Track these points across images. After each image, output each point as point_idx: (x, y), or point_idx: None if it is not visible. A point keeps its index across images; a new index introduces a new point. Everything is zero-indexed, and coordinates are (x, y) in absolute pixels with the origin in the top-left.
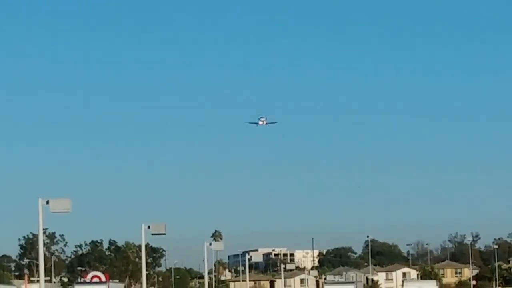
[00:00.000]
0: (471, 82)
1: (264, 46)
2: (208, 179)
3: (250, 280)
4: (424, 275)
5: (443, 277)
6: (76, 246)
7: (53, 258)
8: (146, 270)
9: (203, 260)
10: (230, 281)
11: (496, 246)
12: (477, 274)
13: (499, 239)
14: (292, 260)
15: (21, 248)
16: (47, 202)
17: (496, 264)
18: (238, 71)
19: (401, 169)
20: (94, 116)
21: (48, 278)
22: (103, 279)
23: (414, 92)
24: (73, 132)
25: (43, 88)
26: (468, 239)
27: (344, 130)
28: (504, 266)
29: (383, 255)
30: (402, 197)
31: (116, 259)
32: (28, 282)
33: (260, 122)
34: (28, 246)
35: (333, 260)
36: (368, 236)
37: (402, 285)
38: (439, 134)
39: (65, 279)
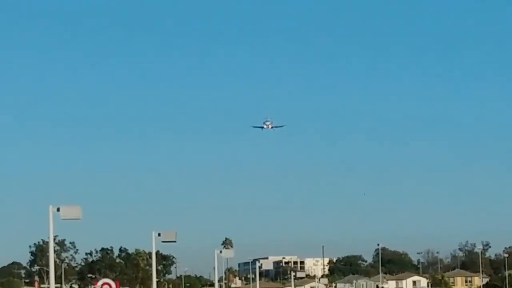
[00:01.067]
0: (476, 87)
1: (269, 49)
2: (219, 186)
3: None
4: (434, 284)
5: (453, 285)
6: (86, 254)
7: (63, 265)
8: (156, 278)
9: (214, 268)
10: None
11: (506, 255)
12: (487, 283)
13: (509, 247)
14: (302, 268)
15: (31, 255)
16: (58, 209)
17: (507, 273)
18: (245, 77)
19: (412, 177)
20: (105, 124)
21: (58, 285)
22: (114, 286)
23: (425, 98)
24: (84, 139)
25: (54, 96)
26: (479, 248)
27: (355, 137)
28: None
29: (393, 264)
30: (412, 205)
31: (127, 266)
32: None
33: (265, 126)
34: (39, 253)
35: (343, 268)
36: (378, 245)
37: None
38: (449, 143)
39: (76, 286)
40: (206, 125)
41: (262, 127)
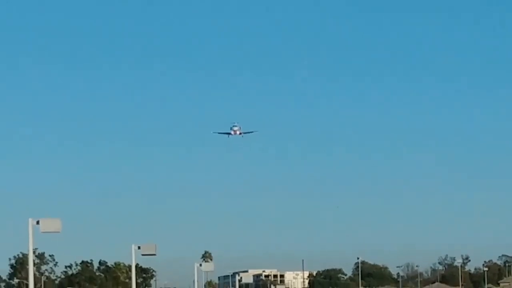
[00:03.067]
0: (464, 111)
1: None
2: (198, 199)
3: None
4: None
5: None
6: (66, 266)
7: (43, 278)
8: None
9: (193, 281)
10: None
11: (486, 269)
12: None
13: (489, 261)
14: (282, 282)
15: (11, 268)
16: (37, 222)
17: (486, 287)
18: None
19: (392, 191)
20: (84, 138)
21: None
22: None
23: (404, 114)
24: (63, 153)
25: (33, 109)
26: (458, 262)
27: (334, 148)
28: None
29: (373, 277)
30: (392, 219)
31: (106, 279)
32: None
33: (232, 132)
34: (18, 266)
35: (323, 282)
36: (358, 258)
37: None
38: (429, 159)
39: None
40: (175, 137)
41: (229, 133)
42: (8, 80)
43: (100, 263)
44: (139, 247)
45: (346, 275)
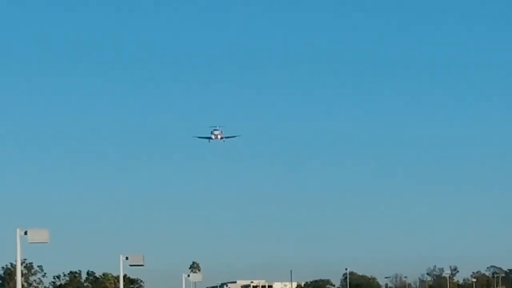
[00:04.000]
0: (458, 118)
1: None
2: (185, 209)
3: None
4: None
5: None
6: (54, 277)
7: None
8: None
9: None
10: None
11: (474, 280)
12: None
13: (477, 272)
14: None
15: None
16: (25, 233)
17: None
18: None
19: (379, 202)
20: (72, 148)
21: None
22: None
23: (396, 124)
24: (51, 162)
25: (20, 120)
26: (446, 272)
27: (316, 160)
28: None
29: None
30: (380, 229)
31: None
32: None
33: (213, 137)
34: (7, 276)
35: None
36: (346, 269)
37: None
38: (415, 169)
39: None
40: (157, 143)
41: (210, 138)
42: None
43: (88, 273)
44: (127, 258)
45: (334, 286)
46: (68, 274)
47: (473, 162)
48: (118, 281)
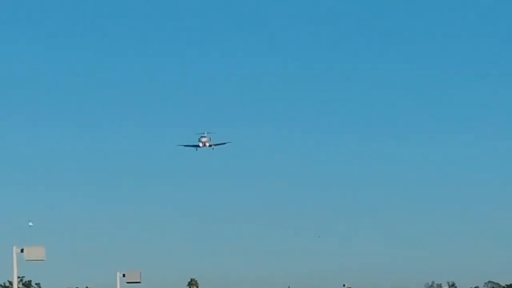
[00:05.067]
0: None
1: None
2: (182, 225)
3: None
4: None
5: None
6: None
7: None
8: None
9: None
10: None
11: None
12: None
13: (475, 287)
14: None
15: None
16: (22, 250)
17: None
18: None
19: (375, 215)
20: (66, 165)
21: None
22: None
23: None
24: (47, 180)
25: (16, 140)
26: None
27: (321, 174)
28: None
29: None
30: (377, 244)
31: None
32: None
33: (201, 144)
34: None
35: None
36: (344, 285)
37: None
38: (411, 181)
39: None
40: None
41: (197, 146)
42: None
43: None
44: (124, 275)
45: None
46: None
47: (468, 177)
48: None
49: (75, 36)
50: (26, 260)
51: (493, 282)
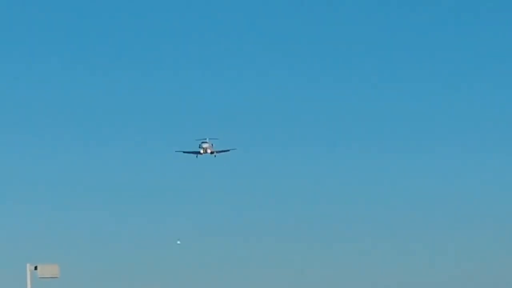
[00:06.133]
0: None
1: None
2: (188, 245)
3: None
4: None
5: None
6: None
7: None
8: None
9: None
10: None
11: None
12: None
13: None
14: None
15: None
16: (35, 268)
17: None
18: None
19: (373, 235)
20: (77, 180)
21: None
22: None
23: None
24: (60, 196)
25: (26, 156)
26: None
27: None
28: None
29: None
30: (376, 263)
31: None
32: None
33: (202, 151)
34: None
35: None
36: None
37: None
38: (410, 201)
39: None
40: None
41: (198, 153)
42: None
43: None
44: None
45: None
46: None
47: (465, 194)
48: None
49: (64, 38)
50: (40, 277)
51: None
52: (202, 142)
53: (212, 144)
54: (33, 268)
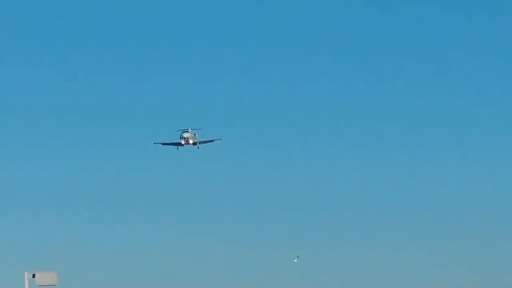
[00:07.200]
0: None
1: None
2: (190, 253)
3: None
4: None
5: None
6: None
7: None
8: None
9: None
10: None
11: None
12: None
13: None
14: None
15: None
16: (33, 276)
17: None
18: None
19: (372, 246)
20: (75, 186)
21: None
22: None
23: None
24: (58, 204)
25: (28, 164)
26: None
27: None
28: None
29: None
30: (375, 274)
31: None
32: None
33: (183, 141)
34: None
35: None
36: None
37: None
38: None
39: None
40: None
41: (179, 144)
42: None
43: None
44: None
45: None
46: None
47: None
48: None
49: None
50: (38, 285)
51: None
52: (183, 132)
53: (195, 134)
54: (31, 276)
